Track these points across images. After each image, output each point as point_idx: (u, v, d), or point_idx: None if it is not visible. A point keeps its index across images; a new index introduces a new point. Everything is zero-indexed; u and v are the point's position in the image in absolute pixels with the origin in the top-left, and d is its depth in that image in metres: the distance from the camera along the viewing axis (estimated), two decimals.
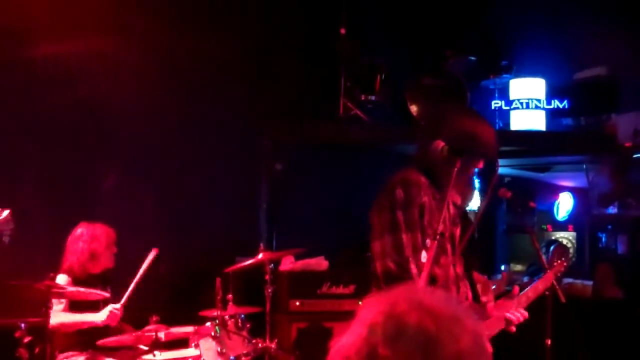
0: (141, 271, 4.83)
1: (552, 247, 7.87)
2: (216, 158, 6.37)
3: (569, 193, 9.01)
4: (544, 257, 4.53)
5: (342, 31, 6.53)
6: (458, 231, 3.08)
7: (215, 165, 6.36)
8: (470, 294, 3.15)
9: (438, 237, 2.71)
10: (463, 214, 3.14)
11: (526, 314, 3.19)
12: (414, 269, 2.79)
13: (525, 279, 7.74)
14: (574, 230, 8.92)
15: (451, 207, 3.01)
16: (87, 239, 4.87)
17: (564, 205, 9.09)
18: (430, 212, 2.89)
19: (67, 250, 4.90)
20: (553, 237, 8.78)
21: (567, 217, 9.07)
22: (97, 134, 5.96)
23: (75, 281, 4.76)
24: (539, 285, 3.45)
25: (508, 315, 3.11)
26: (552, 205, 9.13)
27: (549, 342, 4.24)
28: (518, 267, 8.73)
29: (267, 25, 6.64)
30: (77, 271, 4.83)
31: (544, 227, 9.09)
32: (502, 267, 7.92)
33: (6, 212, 3.45)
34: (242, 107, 6.47)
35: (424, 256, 2.78)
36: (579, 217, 8.73)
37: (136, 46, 6.09)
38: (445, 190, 2.83)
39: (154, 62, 6.15)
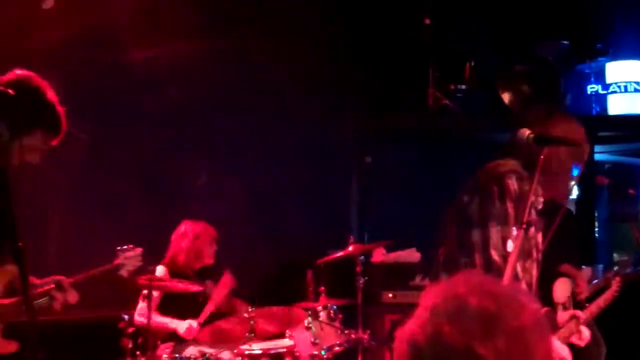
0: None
1: None
2: (307, 152, 6.44)
3: None
4: None
5: (427, 21, 6.46)
6: (540, 237, 2.92)
7: (307, 159, 6.43)
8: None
9: (524, 226, 2.62)
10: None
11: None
12: (518, 267, 2.71)
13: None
14: None
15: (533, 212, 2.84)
16: (191, 237, 5.07)
17: None
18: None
19: (172, 247, 5.11)
20: None
21: None
22: (190, 134, 6.16)
23: (173, 274, 4.96)
24: (600, 303, 3.91)
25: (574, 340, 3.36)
26: None
27: None
28: (623, 257, 8.40)
29: (353, 19, 6.66)
30: (179, 266, 5.03)
31: None
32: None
33: (139, 250, 3.72)
34: (332, 101, 6.52)
35: (510, 245, 2.69)
36: None
37: (223, 47, 6.25)
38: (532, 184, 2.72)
39: (242, 60, 6.30)
